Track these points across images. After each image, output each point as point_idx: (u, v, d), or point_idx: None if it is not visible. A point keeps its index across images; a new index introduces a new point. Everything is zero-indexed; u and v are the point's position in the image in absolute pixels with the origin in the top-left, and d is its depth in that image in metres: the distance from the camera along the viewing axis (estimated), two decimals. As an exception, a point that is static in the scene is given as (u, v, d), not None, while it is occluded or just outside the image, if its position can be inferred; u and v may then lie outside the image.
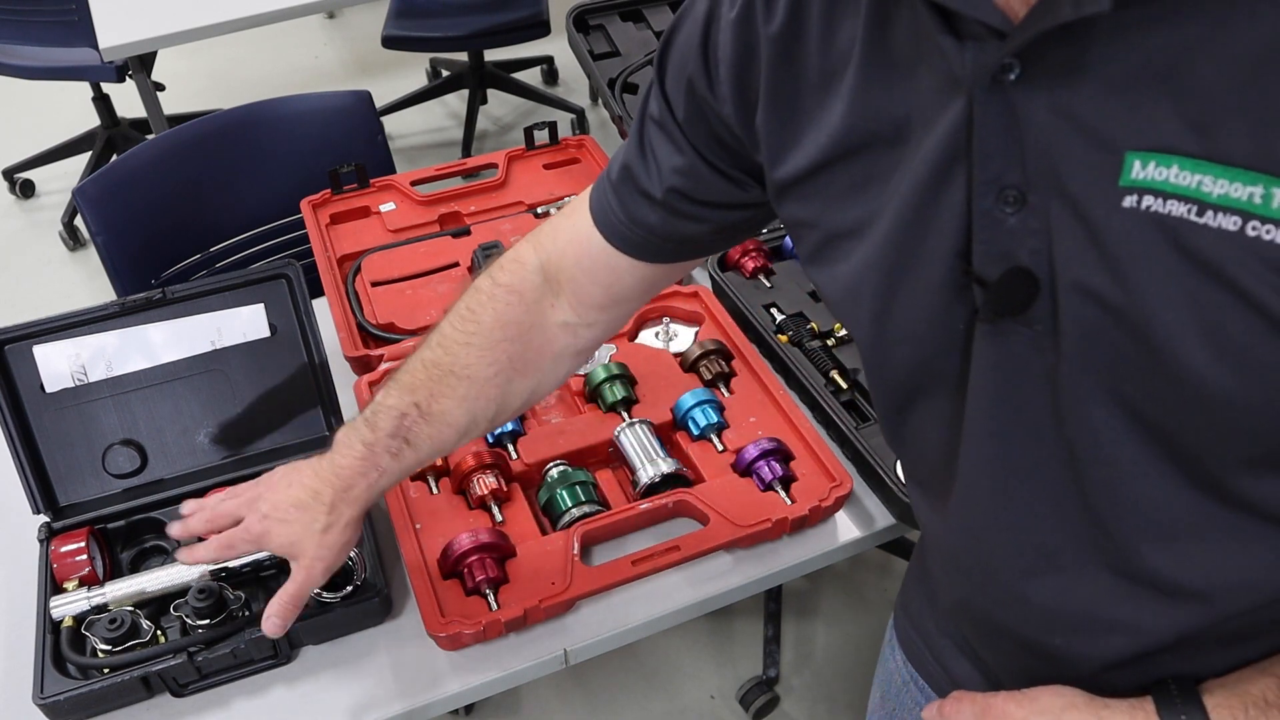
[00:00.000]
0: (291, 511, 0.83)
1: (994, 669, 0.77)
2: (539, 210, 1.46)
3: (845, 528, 1.09)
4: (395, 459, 0.81)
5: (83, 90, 3.07)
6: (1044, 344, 0.53)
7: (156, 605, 0.98)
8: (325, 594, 0.96)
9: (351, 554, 0.98)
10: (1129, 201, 0.47)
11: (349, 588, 0.97)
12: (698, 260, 0.83)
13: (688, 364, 1.22)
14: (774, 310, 1.29)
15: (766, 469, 1.07)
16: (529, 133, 1.54)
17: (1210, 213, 0.45)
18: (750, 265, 1.34)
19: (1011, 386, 0.56)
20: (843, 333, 1.24)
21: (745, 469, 1.08)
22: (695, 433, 1.13)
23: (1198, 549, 0.55)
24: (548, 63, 3.64)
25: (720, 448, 1.12)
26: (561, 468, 1.09)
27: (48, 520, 1.03)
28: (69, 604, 0.95)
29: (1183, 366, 0.48)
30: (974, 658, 0.80)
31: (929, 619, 0.86)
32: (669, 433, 1.15)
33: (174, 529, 0.90)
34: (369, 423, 0.82)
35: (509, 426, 1.12)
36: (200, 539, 0.88)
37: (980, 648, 0.77)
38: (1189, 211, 0.45)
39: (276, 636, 0.85)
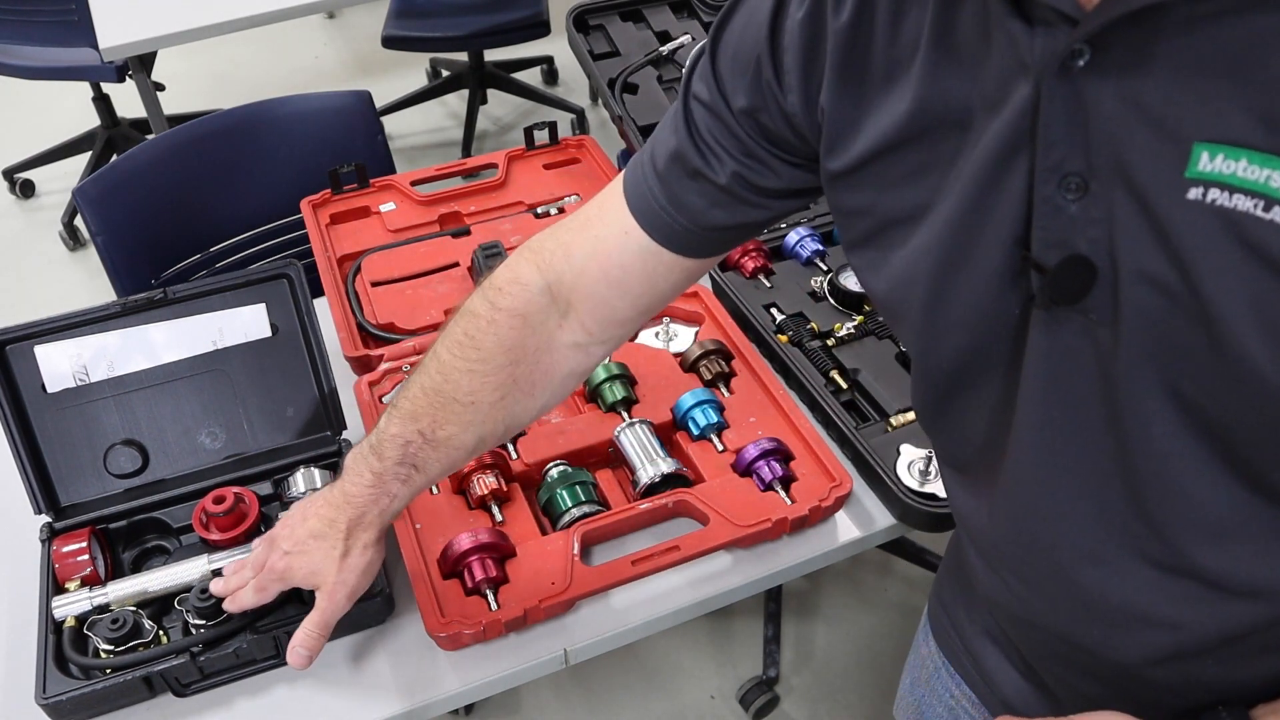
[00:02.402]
0: (310, 543, 0.85)
1: (1027, 660, 0.77)
2: (539, 210, 1.46)
3: (845, 528, 1.10)
4: (405, 484, 0.82)
5: (83, 90, 3.07)
6: (1099, 333, 0.53)
7: (158, 605, 0.98)
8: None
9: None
10: (1194, 194, 0.46)
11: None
12: (725, 253, 0.81)
13: (688, 364, 1.22)
14: (774, 310, 1.29)
15: (766, 469, 1.07)
16: (529, 133, 1.55)
17: (1277, 209, 0.44)
18: (750, 265, 1.34)
19: (1063, 375, 0.56)
20: (843, 332, 1.24)
21: (745, 469, 1.08)
22: (695, 433, 1.13)
23: (1246, 548, 0.55)
24: (548, 63, 3.64)
25: (720, 448, 1.12)
26: (561, 468, 1.10)
27: (49, 520, 1.03)
28: (71, 604, 0.95)
29: (1242, 361, 0.48)
30: (1007, 649, 0.80)
31: (962, 609, 0.86)
32: (669, 433, 1.15)
33: (216, 587, 0.92)
34: (375, 451, 0.82)
35: (509, 426, 1.13)
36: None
37: (1015, 638, 0.77)
38: (1255, 206, 0.45)
39: (302, 669, 0.85)
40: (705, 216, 0.74)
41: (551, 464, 1.10)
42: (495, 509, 1.05)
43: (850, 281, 1.30)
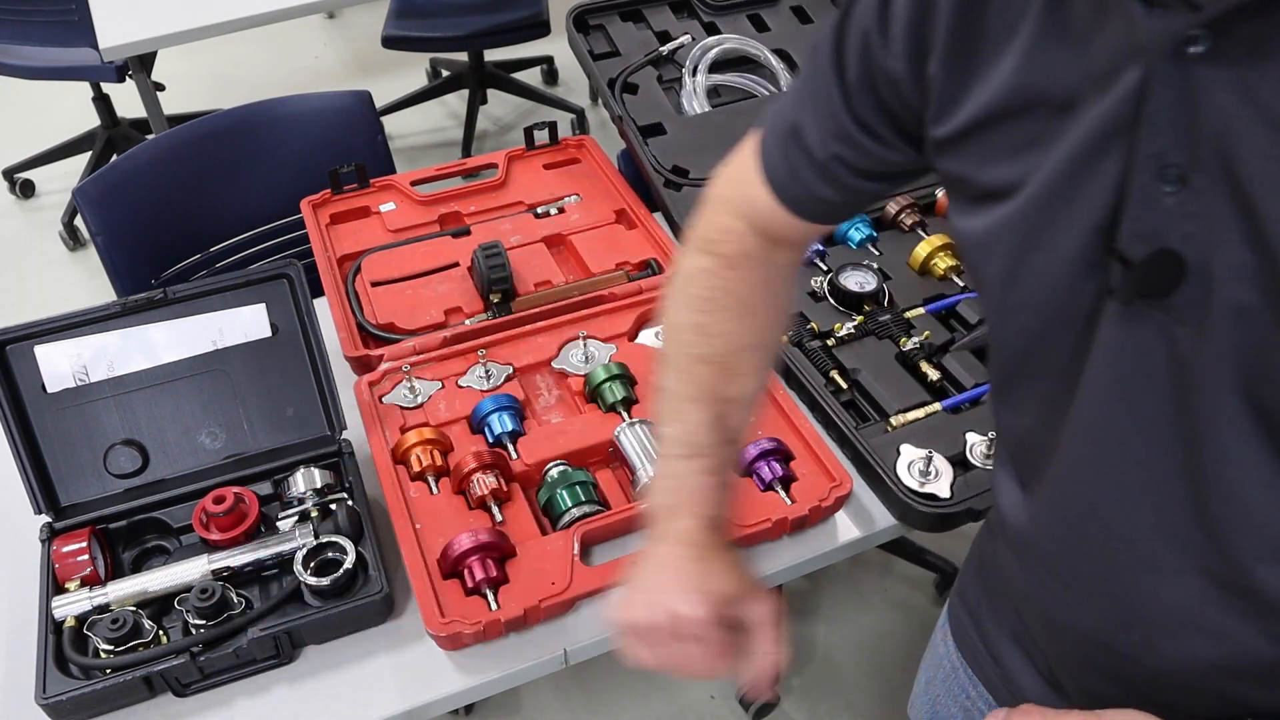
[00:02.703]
0: (712, 576, 0.74)
1: (1051, 663, 0.76)
2: (539, 210, 1.46)
3: (845, 528, 1.10)
4: (730, 464, 0.79)
5: (83, 90, 3.07)
6: (1177, 331, 0.51)
7: (158, 605, 0.98)
8: (313, 580, 0.96)
9: (348, 548, 0.99)
10: None
11: (338, 573, 0.97)
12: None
13: (688, 364, 1.22)
14: (774, 310, 1.29)
15: (766, 469, 1.07)
16: (529, 133, 1.55)
17: None
18: (750, 265, 1.34)
19: (1133, 373, 0.54)
20: (843, 332, 1.24)
21: (745, 469, 1.08)
22: (695, 433, 1.13)
23: None
24: (548, 63, 3.64)
25: (720, 448, 1.12)
26: (561, 468, 1.10)
27: (49, 520, 1.03)
28: (71, 604, 0.95)
29: None
30: (1032, 652, 0.79)
31: (986, 610, 0.85)
32: (669, 433, 1.15)
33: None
34: (692, 454, 0.76)
35: (509, 426, 1.13)
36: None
37: (1043, 641, 0.76)
38: None
39: (772, 694, 0.74)
40: (818, 189, 0.74)
41: (551, 464, 1.10)
42: (495, 509, 1.05)
43: (850, 281, 1.30)
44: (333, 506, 1.03)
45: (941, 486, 1.06)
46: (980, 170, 0.61)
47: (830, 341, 1.24)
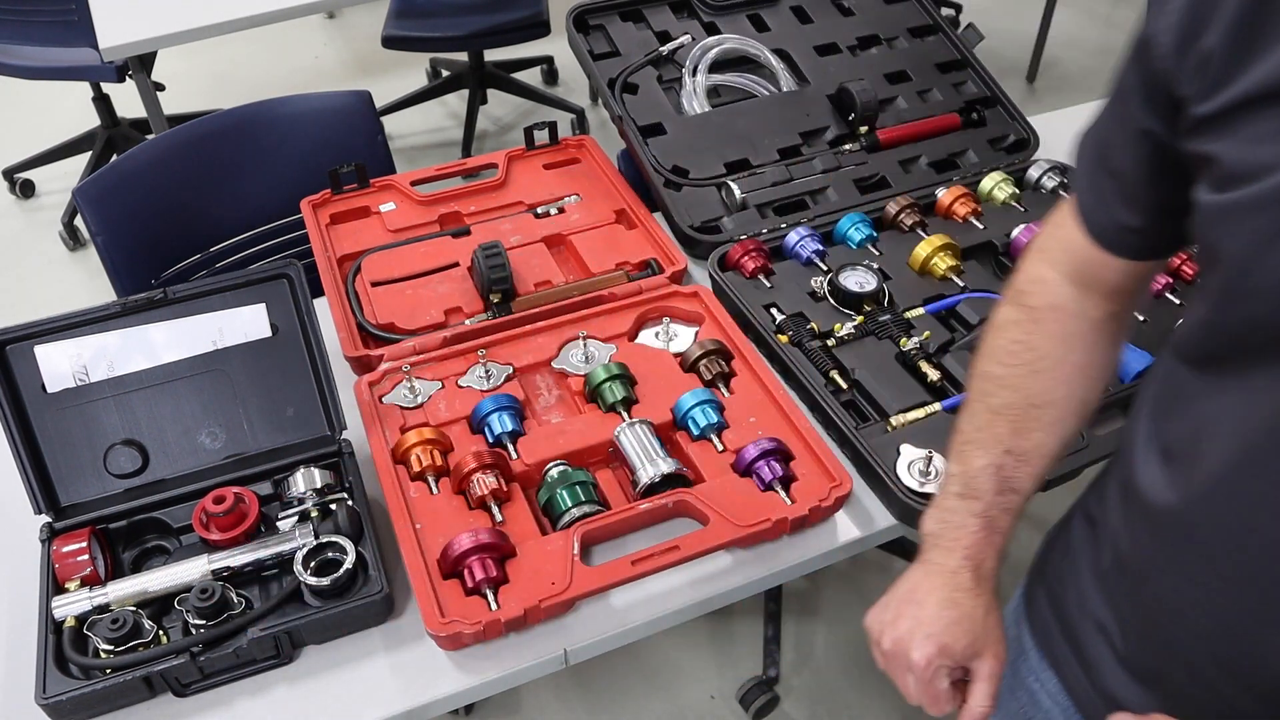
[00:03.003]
0: (948, 615, 0.79)
1: (1150, 655, 0.76)
2: (539, 210, 1.46)
3: (845, 528, 1.10)
4: (1006, 513, 0.81)
5: (83, 90, 3.07)
6: None
7: (158, 605, 0.98)
8: (313, 580, 0.97)
9: (348, 548, 0.99)
10: None
11: (338, 573, 0.97)
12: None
13: (688, 364, 1.22)
14: (774, 310, 1.29)
15: (766, 469, 1.07)
16: (529, 133, 1.55)
17: None
18: (750, 265, 1.34)
19: None
20: (843, 332, 1.24)
21: (745, 469, 1.08)
22: (695, 433, 1.13)
23: None
24: (548, 63, 3.64)
25: (720, 448, 1.12)
26: (561, 468, 1.10)
27: (49, 520, 1.03)
28: (71, 604, 0.95)
29: None
30: (1119, 641, 0.78)
31: (1073, 594, 0.84)
32: (669, 433, 1.15)
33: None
34: (968, 494, 0.80)
35: (509, 426, 1.13)
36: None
37: (1146, 630, 0.75)
38: None
39: None
40: (1130, 220, 0.75)
41: (551, 464, 1.10)
42: (495, 509, 1.05)
43: (850, 281, 1.30)
44: (333, 506, 1.03)
45: (941, 486, 1.06)
46: (1240, 149, 0.60)
47: (830, 341, 1.24)
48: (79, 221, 2.98)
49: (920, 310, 1.29)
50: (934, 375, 1.20)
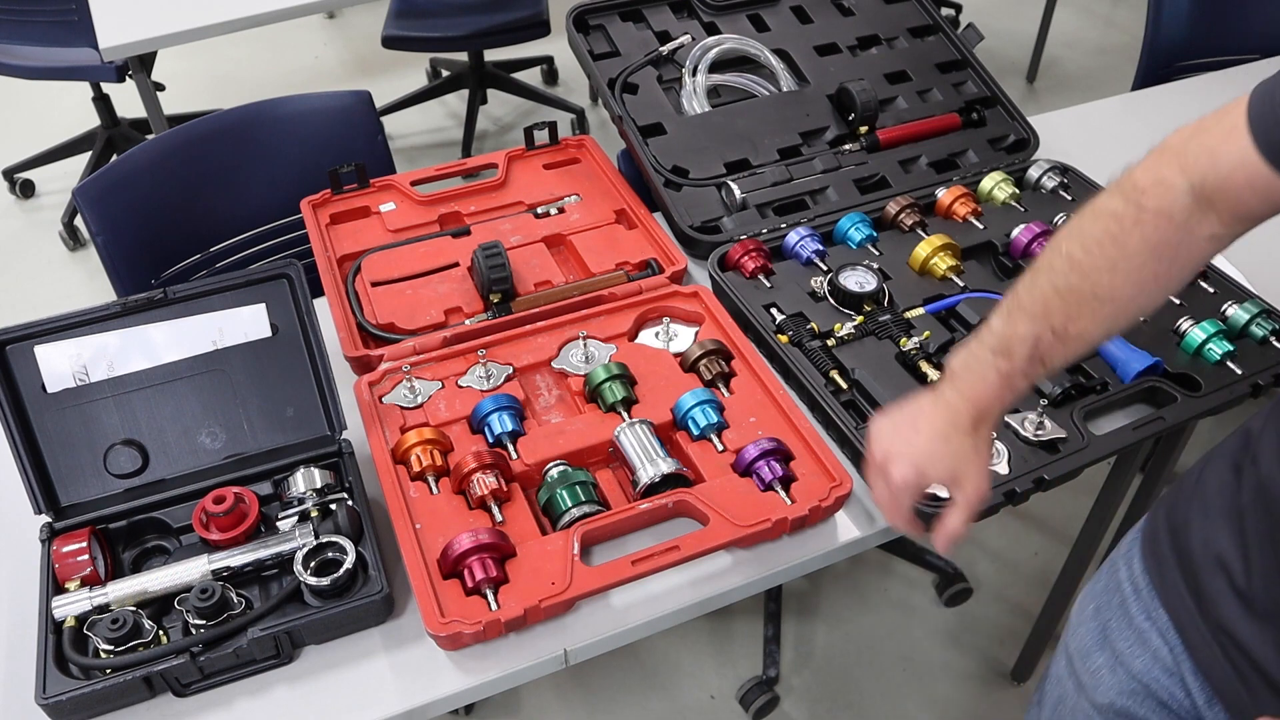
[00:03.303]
0: (938, 446, 0.89)
1: (1257, 590, 0.79)
2: (539, 210, 1.46)
3: (845, 528, 1.10)
4: (1027, 379, 0.87)
5: (83, 90, 3.07)
6: None
7: (158, 605, 0.98)
8: (313, 580, 0.96)
9: (348, 548, 0.99)
10: None
11: (338, 573, 0.97)
12: None
13: (688, 364, 1.22)
14: (774, 310, 1.29)
15: (766, 469, 1.07)
16: (529, 133, 1.55)
17: None
18: (750, 265, 1.34)
19: None
20: (843, 332, 1.24)
21: (745, 469, 1.08)
22: (695, 433, 1.13)
23: None
24: (548, 63, 3.64)
25: (720, 448, 1.12)
26: (561, 468, 1.10)
27: (49, 520, 1.03)
28: (71, 604, 0.95)
29: None
30: (1239, 575, 0.82)
31: (1197, 531, 0.88)
32: (669, 433, 1.15)
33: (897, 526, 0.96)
34: (1002, 353, 0.86)
35: (509, 426, 1.13)
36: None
37: (1271, 565, 0.78)
38: None
39: (945, 552, 0.94)
40: None
41: (551, 464, 1.10)
42: (495, 509, 1.05)
43: (850, 281, 1.30)
44: (333, 506, 1.03)
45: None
46: None
47: (830, 341, 1.24)
48: (79, 221, 2.99)
49: (920, 310, 1.29)
50: (934, 375, 1.20)
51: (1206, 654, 0.86)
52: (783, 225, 1.41)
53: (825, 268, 1.34)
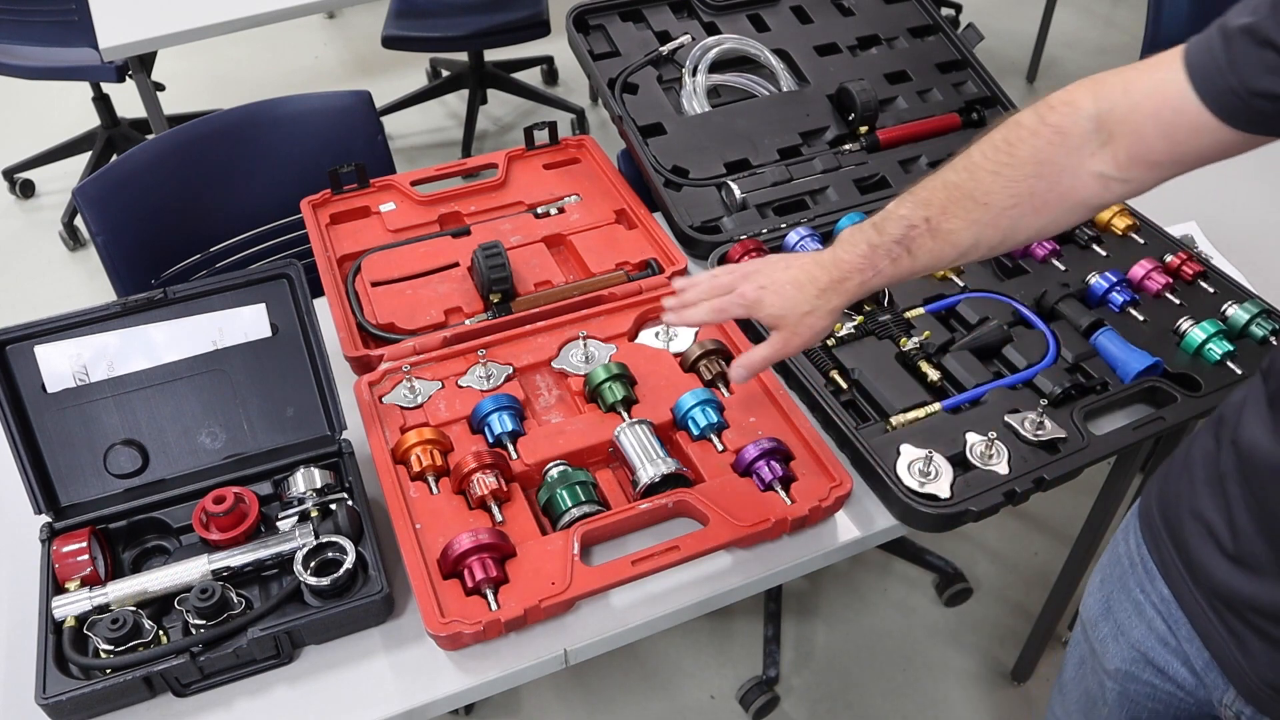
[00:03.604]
0: (787, 288, 0.95)
1: (1243, 548, 0.82)
2: (539, 210, 1.46)
3: (845, 528, 1.10)
4: (893, 264, 0.90)
5: (83, 90, 3.07)
6: None
7: (158, 605, 0.98)
8: (313, 580, 0.96)
9: (348, 548, 0.99)
10: None
11: (338, 573, 0.97)
12: (1274, 139, 0.80)
13: (688, 364, 1.22)
14: (774, 310, 1.29)
15: (766, 469, 1.07)
16: (529, 133, 1.55)
17: None
18: (750, 265, 1.34)
19: None
20: (843, 332, 1.24)
21: (745, 469, 1.08)
22: (695, 433, 1.13)
23: None
24: (548, 63, 3.64)
25: (720, 448, 1.12)
26: (561, 468, 1.10)
27: (49, 520, 1.03)
28: (71, 604, 0.95)
29: None
30: (1225, 538, 0.84)
31: (1186, 504, 0.90)
32: (669, 433, 1.15)
33: (670, 302, 1.03)
34: (877, 227, 0.91)
35: (509, 426, 1.13)
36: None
37: (1254, 523, 0.81)
38: None
39: (741, 382, 1.02)
40: (1257, 80, 0.74)
41: (551, 464, 1.10)
42: (495, 509, 1.05)
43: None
44: (333, 506, 1.03)
45: (941, 486, 1.06)
46: None
47: (830, 341, 1.24)
48: (79, 221, 2.98)
49: (920, 310, 1.29)
50: (934, 375, 1.20)
51: (1203, 621, 0.88)
52: (783, 225, 1.41)
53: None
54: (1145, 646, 0.96)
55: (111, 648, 0.92)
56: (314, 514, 1.03)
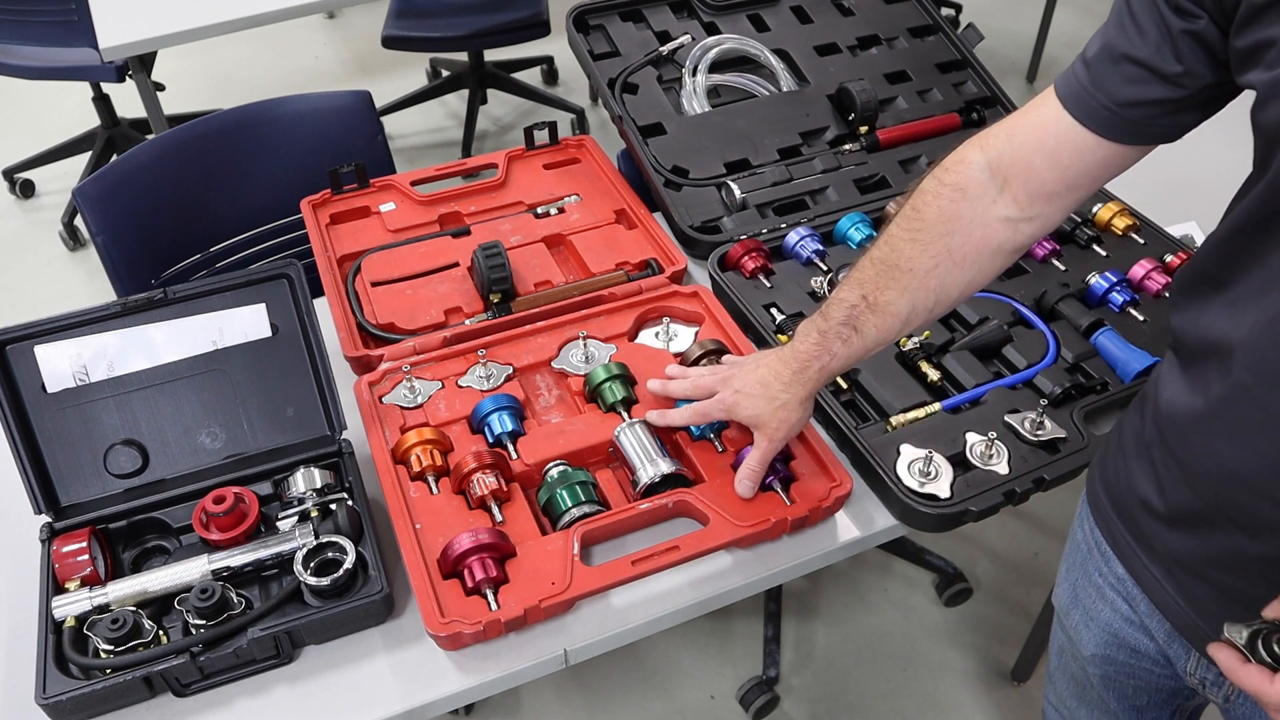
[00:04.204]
0: (757, 388, 1.01)
1: (1175, 509, 0.85)
2: (539, 210, 1.46)
3: (845, 528, 1.10)
4: (845, 344, 0.95)
5: (83, 90, 3.07)
6: None
7: (158, 605, 0.98)
8: (313, 580, 0.96)
9: (348, 548, 0.99)
10: None
11: (338, 573, 0.97)
12: (1153, 146, 0.85)
13: (688, 364, 1.22)
14: (774, 310, 1.29)
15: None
16: (529, 133, 1.55)
17: None
18: (750, 265, 1.34)
19: None
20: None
21: (745, 469, 1.08)
22: (695, 433, 1.13)
23: None
24: (548, 63, 3.64)
25: (720, 448, 1.12)
26: (561, 468, 1.10)
27: (49, 520, 1.03)
28: (71, 604, 0.95)
29: None
30: (1158, 505, 0.87)
31: (1123, 479, 0.93)
32: (669, 433, 1.15)
33: (654, 385, 1.12)
34: (824, 315, 0.97)
35: (509, 426, 1.13)
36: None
37: (1180, 480, 0.84)
38: None
39: (749, 496, 1.04)
40: (1119, 92, 0.80)
41: (551, 464, 1.10)
42: (495, 509, 1.05)
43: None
44: (333, 506, 1.03)
45: (941, 486, 1.06)
46: None
47: (830, 341, 1.24)
48: (79, 221, 2.98)
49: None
50: (934, 375, 1.20)
51: (1159, 592, 0.91)
52: (783, 225, 1.41)
53: (825, 268, 1.34)
54: (1114, 628, 0.99)
55: (111, 648, 0.92)
56: (314, 514, 1.03)
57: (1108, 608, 0.99)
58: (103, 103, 3.08)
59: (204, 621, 0.95)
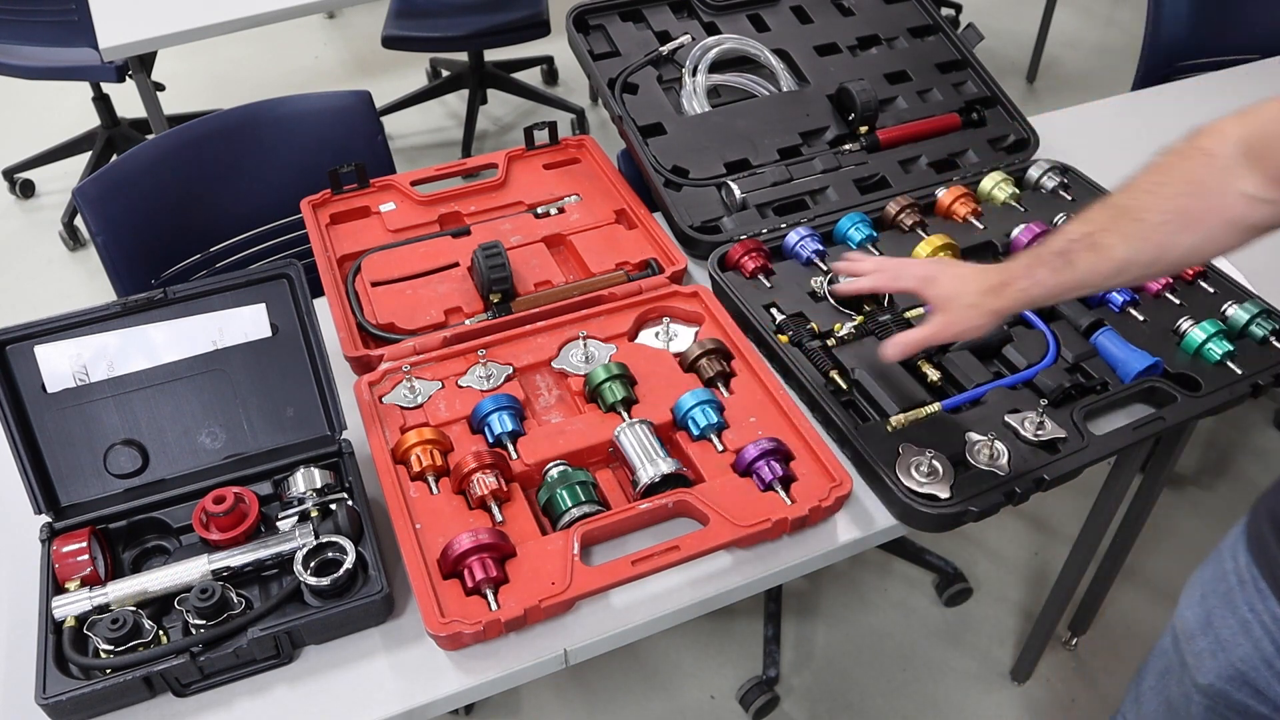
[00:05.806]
0: (958, 278, 1.03)
1: None
2: (539, 210, 1.46)
3: (845, 528, 1.10)
4: (1054, 274, 0.96)
5: (83, 90, 3.07)
6: None
7: (159, 605, 0.98)
8: (313, 580, 0.96)
9: (348, 548, 0.99)
10: None
11: (338, 573, 0.97)
12: None
13: (688, 364, 1.22)
14: (774, 310, 1.29)
15: (766, 469, 1.07)
16: (529, 133, 1.55)
17: None
18: (750, 265, 1.34)
19: None
20: (843, 332, 1.24)
21: (745, 469, 1.08)
22: (695, 433, 1.13)
23: None
24: (548, 63, 3.64)
25: (720, 448, 1.12)
26: (561, 468, 1.10)
27: (49, 520, 1.03)
28: (71, 604, 0.95)
29: None
30: None
31: None
32: (669, 433, 1.15)
33: (841, 266, 1.17)
34: (1043, 244, 0.98)
35: (509, 426, 1.13)
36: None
37: None
38: None
39: (891, 360, 1.07)
40: None
41: (551, 464, 1.10)
42: (495, 509, 1.05)
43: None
44: (333, 506, 1.03)
45: (941, 486, 1.06)
46: None
47: (830, 341, 1.24)
48: (79, 221, 2.98)
49: (920, 310, 1.29)
50: (934, 375, 1.20)
51: None
52: (783, 225, 1.41)
53: (825, 268, 1.34)
54: (1247, 665, 0.95)
55: (111, 648, 0.92)
56: (314, 514, 1.03)
57: (1249, 644, 0.95)
58: (103, 103, 3.08)
59: (204, 621, 0.95)
